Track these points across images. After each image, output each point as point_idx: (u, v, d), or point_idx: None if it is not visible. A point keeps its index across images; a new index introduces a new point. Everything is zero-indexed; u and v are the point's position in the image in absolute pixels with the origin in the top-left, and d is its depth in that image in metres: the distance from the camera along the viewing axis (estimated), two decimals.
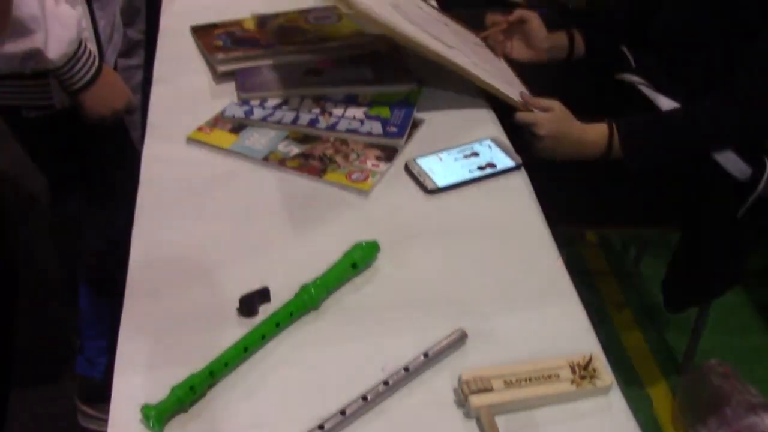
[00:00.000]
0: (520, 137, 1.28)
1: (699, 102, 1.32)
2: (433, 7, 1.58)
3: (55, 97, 1.31)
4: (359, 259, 0.97)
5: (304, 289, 0.92)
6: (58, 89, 1.28)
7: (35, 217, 1.99)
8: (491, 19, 1.53)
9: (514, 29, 1.51)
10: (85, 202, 1.54)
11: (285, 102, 1.29)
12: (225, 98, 1.31)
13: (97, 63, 1.28)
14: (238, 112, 1.26)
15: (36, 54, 1.17)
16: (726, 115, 1.28)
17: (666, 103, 1.39)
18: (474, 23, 1.58)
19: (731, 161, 1.37)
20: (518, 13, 1.48)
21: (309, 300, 0.91)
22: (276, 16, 1.54)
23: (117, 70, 1.57)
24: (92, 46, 1.31)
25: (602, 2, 1.74)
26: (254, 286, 0.93)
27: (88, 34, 1.31)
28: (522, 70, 1.50)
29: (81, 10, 1.29)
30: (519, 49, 1.51)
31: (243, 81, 1.32)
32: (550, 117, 1.28)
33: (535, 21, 1.48)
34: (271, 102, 1.28)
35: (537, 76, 1.52)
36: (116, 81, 1.35)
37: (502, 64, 1.49)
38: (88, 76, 1.26)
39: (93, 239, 1.60)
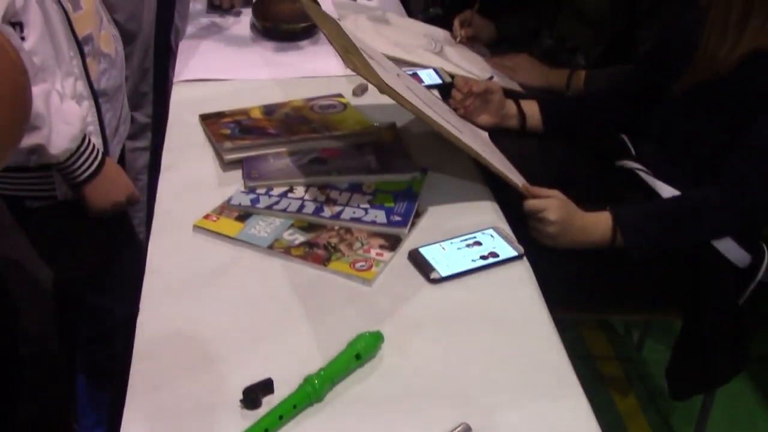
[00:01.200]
0: (522, 226, 1.30)
1: (698, 190, 1.34)
2: (438, 97, 1.63)
3: (58, 189, 1.32)
4: (363, 350, 0.97)
5: (308, 380, 0.92)
6: (61, 181, 1.30)
7: (39, 301, 1.99)
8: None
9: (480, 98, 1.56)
10: (88, 291, 1.54)
11: (290, 190, 1.31)
12: (232, 186, 1.33)
13: (99, 157, 1.30)
14: (245, 200, 1.28)
15: (39, 149, 1.19)
16: (724, 204, 1.30)
17: (666, 190, 1.42)
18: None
19: (731, 249, 1.38)
20: (484, 84, 1.54)
21: (313, 392, 0.91)
22: (282, 105, 1.58)
23: (124, 152, 1.60)
24: (96, 140, 1.33)
25: (600, 91, 1.79)
26: (258, 376, 0.94)
27: (93, 128, 1.34)
28: (522, 157, 1.54)
29: (87, 104, 1.32)
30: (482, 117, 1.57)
31: (249, 169, 1.35)
32: (560, 203, 1.30)
33: (498, 93, 1.56)
34: (277, 190, 1.31)
35: (539, 161, 1.55)
36: (118, 174, 1.37)
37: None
38: (90, 170, 1.29)
39: (91, 328, 1.60)
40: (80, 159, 1.26)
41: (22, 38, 1.15)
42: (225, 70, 1.75)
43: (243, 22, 2.00)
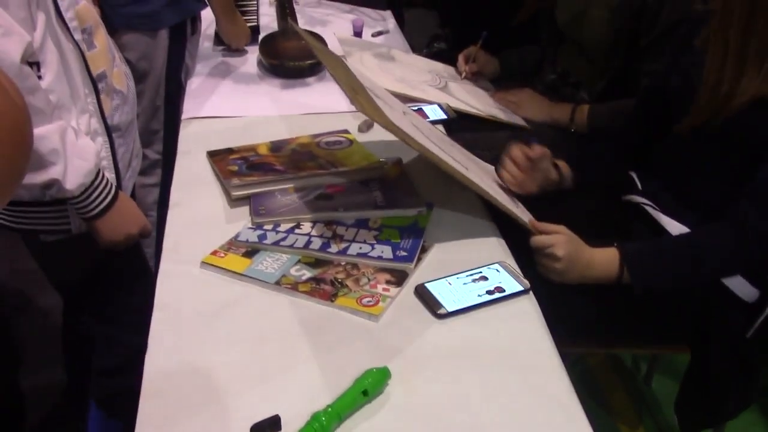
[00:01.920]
0: (529, 261, 1.30)
1: (704, 229, 1.35)
2: (443, 132, 1.65)
3: (72, 223, 1.34)
4: (370, 386, 0.97)
5: (315, 417, 0.92)
6: (75, 215, 1.32)
7: (47, 334, 2.00)
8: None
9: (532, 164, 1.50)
10: (99, 322, 1.56)
11: (297, 226, 1.32)
12: (239, 222, 1.34)
13: (113, 191, 1.32)
14: (252, 236, 1.29)
15: (54, 184, 1.21)
16: (729, 245, 1.30)
17: (673, 225, 1.42)
18: (481, 146, 1.64)
19: (738, 284, 1.38)
20: (540, 150, 1.48)
21: (320, 429, 0.91)
22: (289, 141, 1.60)
23: (134, 188, 1.62)
24: (110, 174, 1.36)
25: (605, 126, 1.80)
26: (265, 412, 0.94)
27: (107, 163, 1.36)
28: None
29: (101, 140, 1.34)
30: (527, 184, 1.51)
31: (257, 206, 1.37)
32: (566, 239, 1.30)
33: (547, 159, 1.51)
34: (284, 226, 1.32)
35: (544, 197, 1.56)
36: (131, 208, 1.39)
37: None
38: (104, 204, 1.30)
39: (105, 358, 1.61)
40: (94, 193, 1.28)
41: (39, 77, 1.17)
42: (233, 107, 1.78)
43: (250, 60, 2.04)
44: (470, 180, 1.29)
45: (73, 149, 1.21)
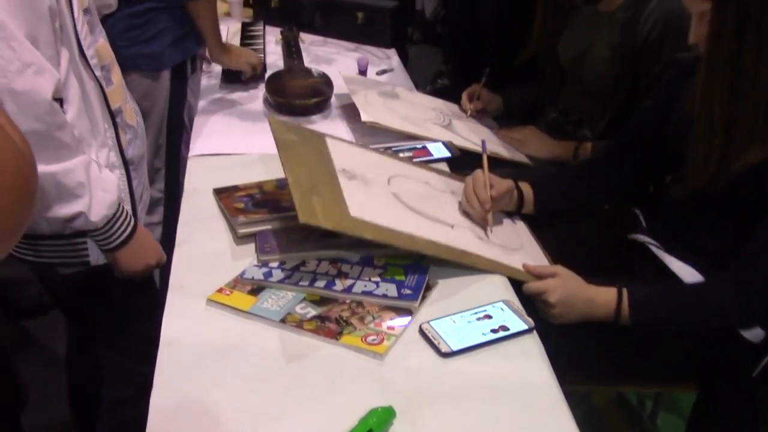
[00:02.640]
0: (531, 302, 1.31)
1: (708, 281, 1.35)
2: (442, 172, 1.66)
3: (91, 255, 1.36)
4: (376, 426, 0.97)
5: None
6: (94, 247, 1.34)
7: (53, 368, 2.00)
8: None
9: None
10: (111, 352, 1.57)
11: (303, 263, 1.33)
12: (245, 259, 1.35)
13: (132, 222, 1.35)
14: (258, 274, 1.30)
15: (79, 216, 1.24)
16: (732, 301, 1.29)
17: (677, 265, 1.42)
18: None
19: None
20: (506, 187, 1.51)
21: None
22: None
23: None
24: (127, 206, 1.38)
25: (607, 162, 1.81)
26: None
27: (124, 195, 1.39)
28: (529, 223, 1.56)
29: (119, 173, 1.38)
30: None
31: (263, 243, 1.38)
32: (558, 283, 1.31)
33: (510, 191, 1.53)
34: (290, 264, 1.33)
35: (550, 231, 1.57)
36: (148, 238, 1.41)
37: (516, 225, 1.54)
38: (124, 236, 1.33)
39: (117, 388, 1.61)
40: (116, 224, 1.30)
41: (63, 112, 1.20)
42: (239, 144, 1.80)
43: (256, 97, 2.06)
44: (456, 252, 1.32)
45: (97, 182, 1.24)
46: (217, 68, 2.19)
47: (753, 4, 1.18)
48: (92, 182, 1.23)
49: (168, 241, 1.48)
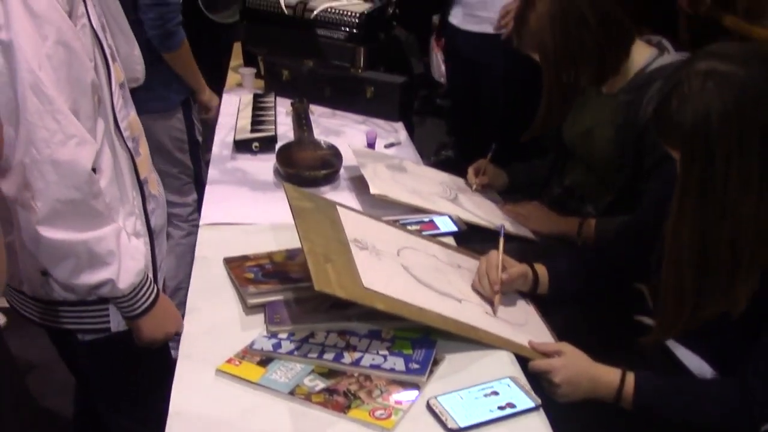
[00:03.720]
0: (537, 381, 1.32)
1: (714, 382, 1.36)
2: (449, 246, 1.69)
3: (112, 321, 1.38)
4: None
5: None
6: (115, 313, 1.36)
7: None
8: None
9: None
10: (121, 417, 1.57)
11: (311, 335, 1.35)
12: (254, 330, 1.37)
13: (155, 290, 1.37)
14: (267, 345, 1.31)
15: (107, 284, 1.27)
16: (735, 405, 1.29)
17: (682, 352, 1.43)
18: None
19: None
20: (517, 274, 1.53)
21: None
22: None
23: None
24: (150, 274, 1.41)
25: (612, 241, 1.84)
26: None
27: (148, 262, 1.42)
28: (536, 300, 1.58)
29: (143, 241, 1.41)
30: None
31: (272, 314, 1.39)
32: (564, 362, 1.32)
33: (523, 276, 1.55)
34: (299, 335, 1.35)
35: (557, 309, 1.58)
36: (170, 306, 1.44)
37: (521, 300, 1.56)
38: (148, 303, 1.35)
39: None
40: (140, 292, 1.33)
41: None
42: (249, 214, 1.83)
43: (267, 168, 2.10)
44: (465, 328, 1.35)
45: (126, 250, 1.28)
46: (229, 138, 2.25)
47: (719, 161, 1.17)
48: (122, 250, 1.27)
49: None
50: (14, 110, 1.15)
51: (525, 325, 1.46)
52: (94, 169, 1.21)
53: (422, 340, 1.34)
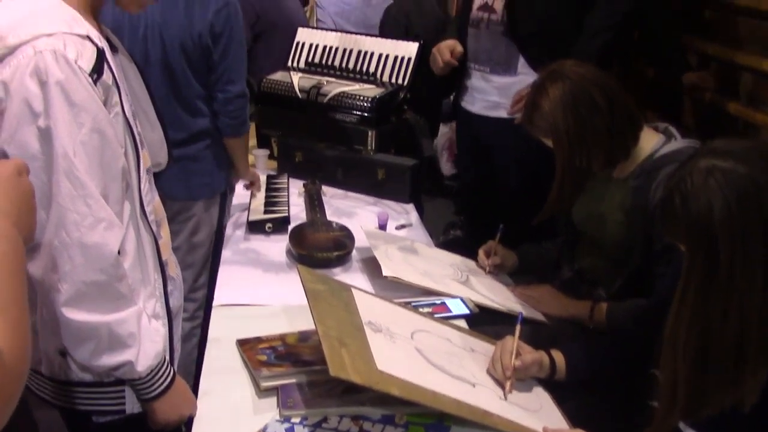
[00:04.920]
0: None
1: None
2: (461, 329, 1.69)
3: (128, 403, 1.37)
4: None
5: None
6: (130, 395, 1.36)
7: None
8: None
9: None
10: None
11: (325, 419, 1.34)
12: (267, 413, 1.37)
13: (172, 373, 1.37)
14: (279, 429, 1.31)
15: (126, 365, 1.27)
16: None
17: None
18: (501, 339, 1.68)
19: None
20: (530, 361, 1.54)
21: None
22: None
23: None
24: (167, 356, 1.41)
25: (623, 325, 1.84)
26: None
27: (165, 344, 1.42)
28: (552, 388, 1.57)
29: (162, 323, 1.41)
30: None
31: (285, 397, 1.39)
32: None
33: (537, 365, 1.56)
34: (312, 419, 1.34)
35: (571, 395, 1.57)
36: (185, 388, 1.43)
37: (536, 386, 1.56)
38: (164, 386, 1.35)
39: None
40: (158, 374, 1.33)
41: None
42: (262, 295, 1.84)
43: (280, 249, 2.13)
44: (479, 413, 1.34)
45: (147, 332, 1.29)
46: (243, 219, 2.29)
47: (723, 258, 1.17)
48: (142, 332, 1.28)
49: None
50: (47, 194, 1.18)
51: (539, 411, 1.45)
52: (119, 252, 1.24)
53: (436, 425, 1.33)
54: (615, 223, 1.91)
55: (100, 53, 1.23)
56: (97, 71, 1.21)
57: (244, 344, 1.59)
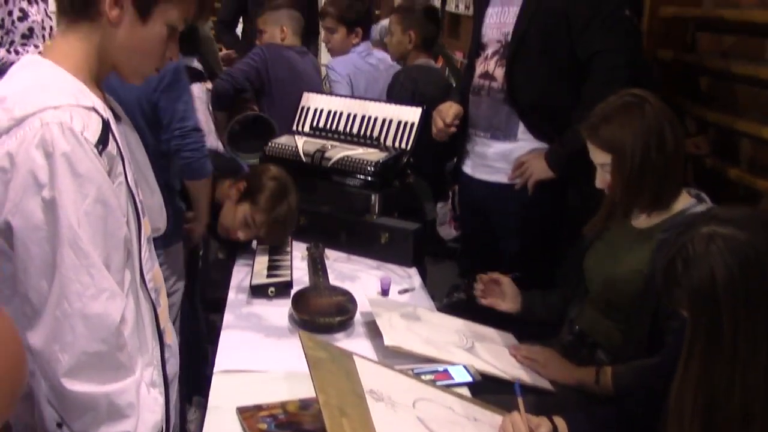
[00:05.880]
0: None
1: None
2: (464, 397, 1.67)
3: None
4: None
5: None
6: None
7: None
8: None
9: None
10: None
11: None
12: None
13: None
14: None
15: None
16: None
17: None
18: (505, 408, 1.65)
19: None
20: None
21: None
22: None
23: None
24: (164, 426, 1.39)
25: (631, 389, 1.81)
26: None
27: (162, 413, 1.40)
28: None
29: (159, 391, 1.39)
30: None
31: None
32: None
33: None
34: None
35: None
36: None
37: None
38: None
39: None
40: None
41: None
42: (263, 361, 1.83)
43: (282, 313, 2.11)
44: None
45: (145, 402, 1.27)
46: (246, 282, 2.28)
47: (726, 325, 1.18)
48: (141, 402, 1.26)
49: None
50: (50, 264, 1.18)
51: None
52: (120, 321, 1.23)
53: None
54: (631, 274, 1.88)
55: (106, 124, 1.25)
56: (102, 142, 1.22)
57: (244, 412, 1.57)
